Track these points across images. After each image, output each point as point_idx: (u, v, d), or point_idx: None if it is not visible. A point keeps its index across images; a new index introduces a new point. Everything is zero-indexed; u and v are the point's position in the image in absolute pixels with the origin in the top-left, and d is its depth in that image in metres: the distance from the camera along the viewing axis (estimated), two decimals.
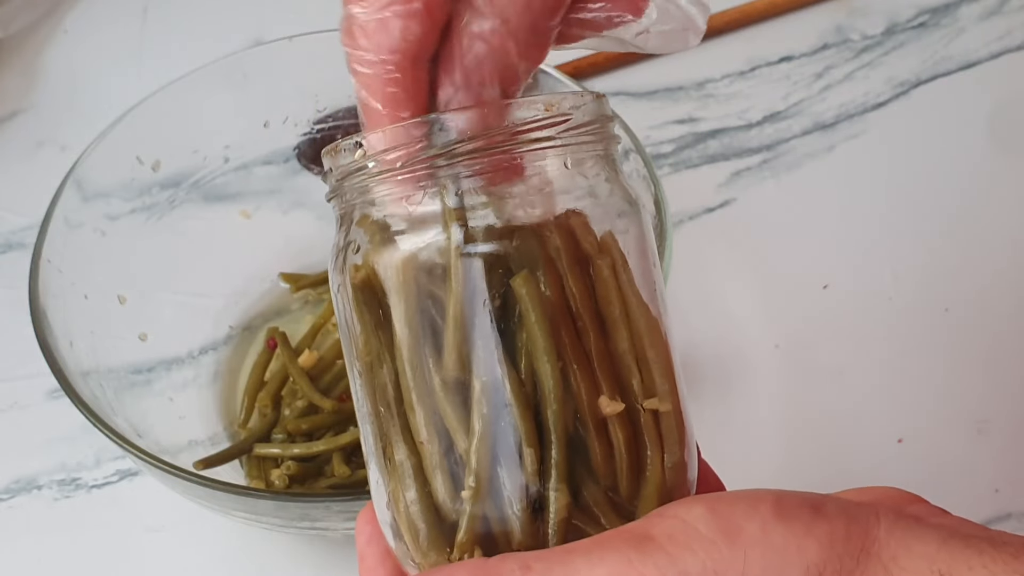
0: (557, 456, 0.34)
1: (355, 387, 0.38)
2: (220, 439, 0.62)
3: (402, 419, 0.36)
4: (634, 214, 0.37)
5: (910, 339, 0.67)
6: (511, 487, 0.34)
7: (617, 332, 0.36)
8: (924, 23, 0.83)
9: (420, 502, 0.36)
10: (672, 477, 0.36)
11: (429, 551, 0.36)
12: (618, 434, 0.35)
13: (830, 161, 0.76)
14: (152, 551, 0.61)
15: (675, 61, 0.81)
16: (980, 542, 0.31)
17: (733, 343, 0.67)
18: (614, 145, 0.38)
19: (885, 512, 0.33)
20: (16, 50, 0.85)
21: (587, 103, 0.36)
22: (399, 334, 0.35)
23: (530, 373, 0.35)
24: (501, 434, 0.34)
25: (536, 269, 0.35)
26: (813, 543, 0.32)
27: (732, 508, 0.33)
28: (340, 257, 0.37)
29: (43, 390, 0.66)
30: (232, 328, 0.66)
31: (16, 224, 0.75)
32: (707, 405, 0.64)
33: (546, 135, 0.35)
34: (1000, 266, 0.70)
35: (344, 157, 0.36)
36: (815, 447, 0.63)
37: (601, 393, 0.35)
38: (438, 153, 0.34)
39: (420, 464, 0.35)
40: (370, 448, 0.37)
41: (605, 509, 0.35)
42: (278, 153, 0.68)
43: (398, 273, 0.35)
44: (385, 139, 0.35)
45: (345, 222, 0.37)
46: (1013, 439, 0.62)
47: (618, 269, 0.36)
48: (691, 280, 0.69)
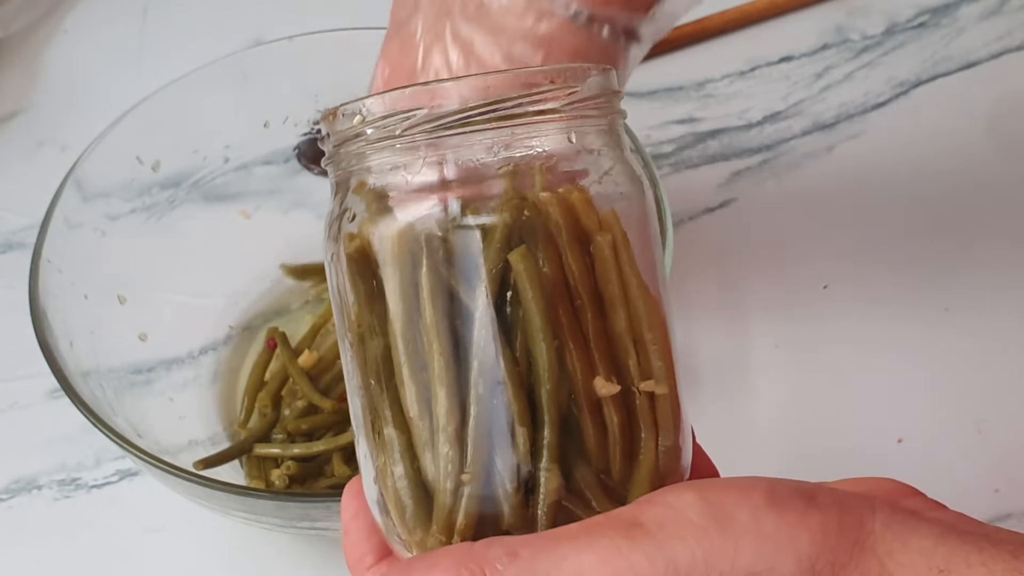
0: (549, 437, 0.34)
1: (345, 359, 0.37)
2: (220, 439, 0.62)
3: (392, 393, 0.35)
4: (637, 192, 0.37)
5: (910, 339, 0.67)
6: (503, 467, 0.34)
7: (615, 312, 0.35)
8: (924, 23, 0.83)
9: (408, 478, 0.35)
10: (666, 461, 0.36)
11: (415, 527, 0.35)
12: (613, 416, 0.35)
13: (830, 161, 0.76)
14: (152, 551, 0.61)
15: (675, 61, 0.81)
16: (979, 539, 0.31)
17: (733, 343, 0.67)
18: (619, 120, 0.37)
19: (881, 505, 0.32)
20: (16, 50, 0.85)
21: (593, 76, 0.35)
22: (392, 307, 0.35)
23: (525, 351, 0.34)
24: (494, 413, 0.34)
25: (535, 244, 0.34)
26: (806, 533, 0.31)
27: (724, 496, 0.32)
28: (335, 225, 0.36)
29: (43, 390, 0.66)
30: (232, 328, 0.66)
31: (16, 224, 0.75)
32: (707, 405, 0.64)
33: (550, 107, 0.34)
34: (1000, 266, 0.70)
35: (342, 122, 0.35)
36: (815, 447, 0.63)
37: (597, 374, 0.35)
38: (438, 122, 0.34)
39: (409, 440, 0.35)
40: (359, 422, 0.37)
41: (596, 492, 0.35)
42: (278, 153, 0.68)
43: (393, 244, 0.34)
44: (385, 105, 0.34)
45: (341, 189, 0.36)
46: (1013, 439, 0.62)
47: (619, 247, 0.35)
48: (691, 280, 0.68)
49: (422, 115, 0.34)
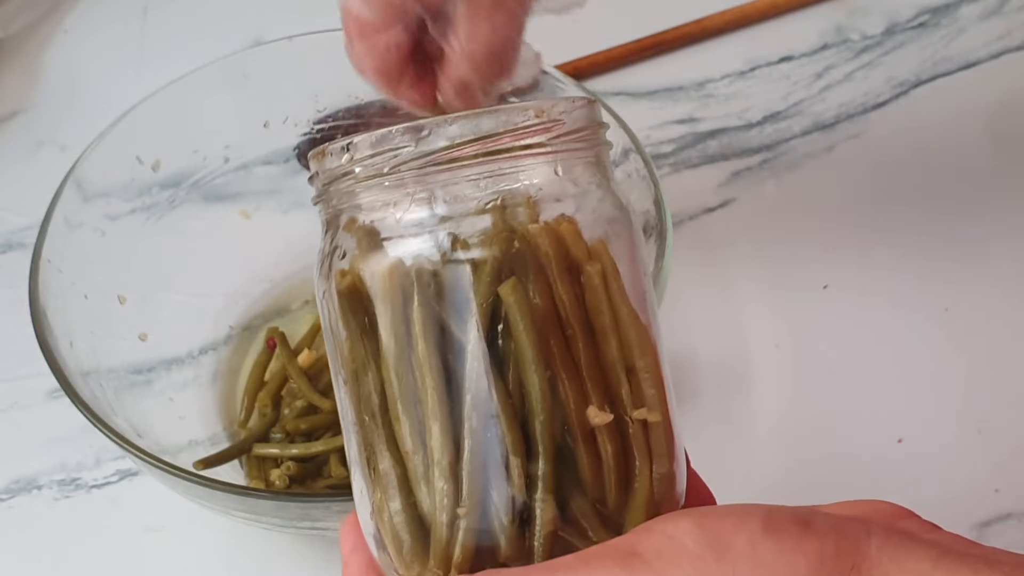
0: (544, 467, 0.34)
1: (340, 395, 0.37)
2: (220, 439, 0.62)
3: (387, 428, 0.35)
4: (625, 221, 0.37)
5: (910, 339, 0.67)
6: (498, 499, 0.34)
7: (606, 341, 0.35)
8: (924, 23, 0.83)
9: (404, 513, 0.35)
10: (660, 489, 0.36)
11: (412, 562, 0.35)
12: (606, 445, 0.35)
13: (830, 161, 0.76)
14: (152, 551, 0.61)
15: (675, 61, 0.82)
16: (976, 561, 0.31)
17: (733, 343, 0.67)
18: (606, 151, 0.38)
19: (876, 528, 0.33)
20: (16, 50, 0.85)
21: (578, 108, 0.36)
22: (385, 342, 0.35)
23: (517, 383, 0.34)
24: (488, 445, 0.34)
25: (525, 276, 0.34)
26: (802, 559, 0.31)
27: (720, 523, 0.32)
28: (326, 263, 0.36)
29: (43, 390, 0.66)
30: (232, 328, 0.66)
31: (16, 224, 0.75)
32: (707, 405, 0.64)
33: (536, 141, 0.35)
34: (1000, 266, 0.70)
35: (331, 161, 0.36)
36: (815, 447, 0.63)
37: (590, 403, 0.35)
38: (425, 159, 0.34)
39: (405, 474, 0.35)
40: (354, 457, 0.37)
41: (593, 521, 0.35)
42: (278, 153, 0.68)
43: (384, 280, 0.35)
44: (372, 143, 0.35)
45: (331, 227, 0.37)
46: (1013, 439, 0.62)
47: (608, 277, 0.36)
48: (691, 280, 0.68)
49: (409, 152, 0.34)
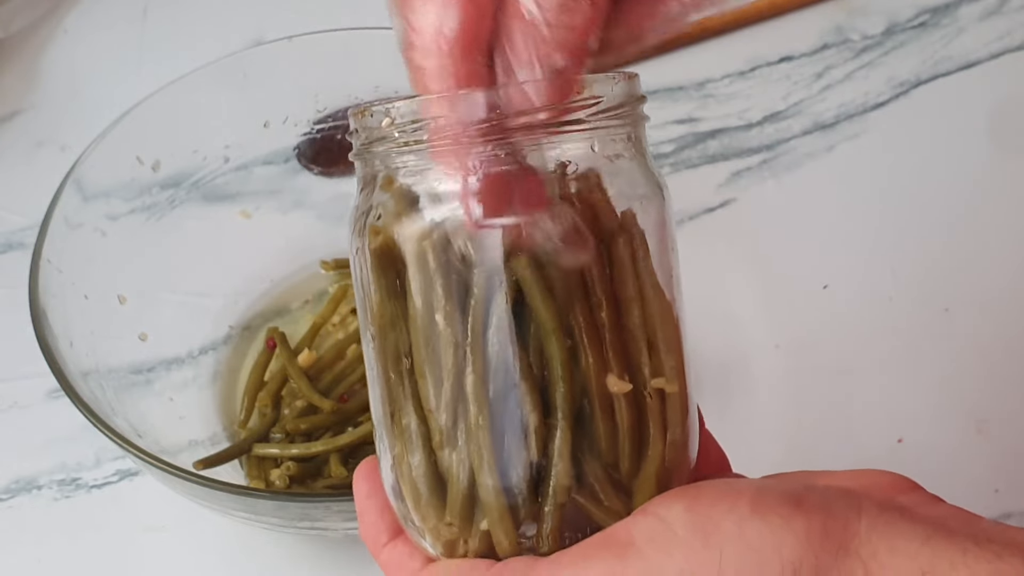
0: (562, 436, 0.35)
1: (367, 349, 0.38)
2: (220, 439, 0.62)
3: (412, 386, 0.36)
4: (657, 197, 0.38)
5: (910, 339, 0.67)
6: (516, 461, 0.35)
7: (629, 312, 0.36)
8: (924, 23, 0.83)
9: (424, 467, 0.36)
10: (672, 456, 0.37)
11: (429, 514, 0.36)
12: (624, 413, 0.36)
13: (830, 161, 0.76)
14: (152, 551, 0.61)
15: (675, 61, 0.81)
16: (964, 540, 0.31)
17: (733, 343, 0.67)
18: (642, 126, 0.38)
19: (868, 505, 0.33)
20: (16, 50, 0.85)
21: (618, 84, 0.36)
22: (414, 305, 0.36)
23: (539, 351, 0.35)
24: (509, 410, 0.35)
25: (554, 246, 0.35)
26: (790, 538, 0.32)
27: (711, 505, 0.33)
28: (361, 220, 0.37)
29: (43, 390, 0.66)
30: (232, 328, 0.66)
31: (16, 224, 0.75)
32: (707, 405, 0.63)
33: (575, 117, 0.35)
34: (1000, 266, 0.70)
35: (372, 121, 0.36)
36: (815, 447, 0.63)
37: (610, 371, 0.35)
38: (465, 130, 0.34)
39: (427, 432, 0.36)
40: (378, 410, 0.38)
41: (605, 486, 0.36)
42: (278, 153, 0.68)
43: (417, 243, 0.35)
44: (413, 111, 0.35)
45: (368, 185, 0.37)
46: (1013, 439, 0.62)
47: (636, 248, 0.36)
48: (691, 280, 0.68)
49: (447, 122, 0.34)
